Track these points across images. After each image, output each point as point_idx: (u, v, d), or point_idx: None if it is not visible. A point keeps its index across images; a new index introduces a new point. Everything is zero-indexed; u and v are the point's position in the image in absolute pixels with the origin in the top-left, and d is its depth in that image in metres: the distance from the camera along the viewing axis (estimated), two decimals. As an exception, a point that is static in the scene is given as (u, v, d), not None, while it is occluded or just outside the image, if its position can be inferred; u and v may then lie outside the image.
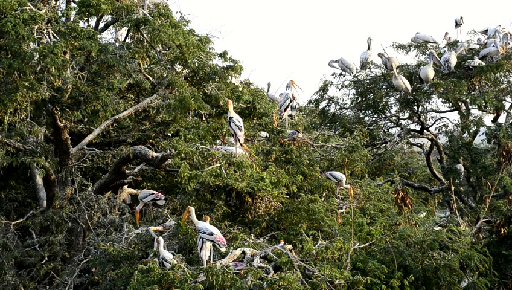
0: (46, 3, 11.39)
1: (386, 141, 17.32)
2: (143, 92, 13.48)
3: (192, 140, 11.00)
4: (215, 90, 12.29)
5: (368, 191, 12.75)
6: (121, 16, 11.69)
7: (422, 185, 17.26)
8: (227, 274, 8.27)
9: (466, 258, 9.91)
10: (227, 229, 10.03)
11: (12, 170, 11.70)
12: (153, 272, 8.36)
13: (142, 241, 9.69)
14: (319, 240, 9.51)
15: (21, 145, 11.26)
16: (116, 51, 11.46)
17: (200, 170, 10.26)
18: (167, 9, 12.25)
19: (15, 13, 10.48)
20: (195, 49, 12.05)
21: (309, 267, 8.77)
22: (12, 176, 12.47)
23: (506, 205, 12.48)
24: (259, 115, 12.97)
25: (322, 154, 13.02)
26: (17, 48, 10.40)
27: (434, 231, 10.27)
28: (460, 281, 9.77)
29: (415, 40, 16.82)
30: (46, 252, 10.91)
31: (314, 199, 11.32)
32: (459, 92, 15.27)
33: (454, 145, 15.73)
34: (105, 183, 11.99)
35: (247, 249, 9.07)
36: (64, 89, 11.18)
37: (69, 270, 10.19)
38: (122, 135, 13.85)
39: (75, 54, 10.93)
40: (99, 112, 12.10)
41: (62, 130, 11.77)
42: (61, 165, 11.80)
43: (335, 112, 17.20)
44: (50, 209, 11.49)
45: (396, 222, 11.14)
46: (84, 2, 11.49)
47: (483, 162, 14.93)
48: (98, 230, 10.83)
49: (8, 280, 10.52)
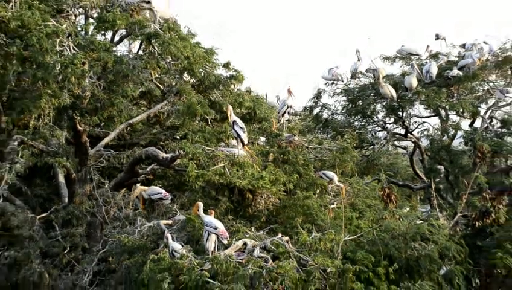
0: (67, 19, 11.44)
1: (374, 144, 17.34)
2: (154, 99, 13.56)
3: (198, 142, 11.09)
4: (219, 97, 12.34)
5: (357, 189, 12.81)
6: (134, 30, 11.64)
7: (406, 183, 17.24)
8: (230, 263, 8.34)
9: (444, 249, 9.94)
10: (230, 223, 10.05)
11: (37, 169, 11.70)
12: (164, 261, 8.44)
13: (154, 234, 9.71)
14: (313, 232, 9.53)
15: (45, 147, 11.29)
16: (130, 61, 11.46)
17: (205, 170, 10.34)
18: (176, 24, 12.26)
19: (39, 28, 10.51)
20: (202, 60, 12.08)
21: (304, 257, 8.80)
22: (37, 174, 12.49)
23: (481, 201, 12.52)
24: (259, 120, 13.03)
25: (315, 155, 13.02)
26: (41, 59, 10.40)
27: (416, 224, 10.28)
28: (439, 269, 9.77)
29: (400, 52, 16.85)
30: (67, 243, 10.96)
31: (309, 195, 11.41)
32: (439, 99, 15.27)
33: (434, 148, 15.77)
34: (120, 181, 12.01)
35: (248, 241, 9.12)
36: (83, 96, 11.21)
37: (88, 259, 10.24)
38: (135, 138, 13.92)
39: (93, 64, 10.95)
40: (115, 117, 12.19)
41: (81, 134, 11.84)
42: (81, 165, 11.83)
43: (327, 117, 17.20)
44: (71, 205, 11.55)
45: (383, 216, 11.17)
46: (101, 17, 11.55)
47: (461, 162, 14.94)
48: (114, 223, 10.88)
49: (34, 267, 10.53)
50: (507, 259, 11.71)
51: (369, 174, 16.18)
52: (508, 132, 15.24)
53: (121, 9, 11.57)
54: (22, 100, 10.94)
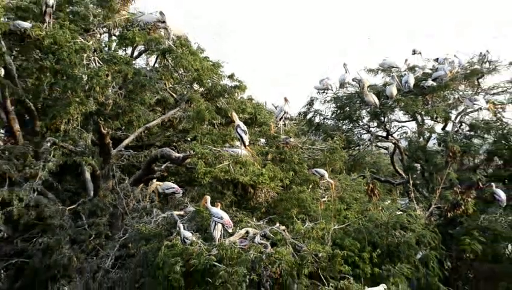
0: (93, 37, 11.50)
1: (359, 145, 17.36)
2: (168, 106, 13.57)
3: (206, 144, 11.08)
4: (225, 104, 12.30)
5: (345, 184, 12.80)
6: (151, 46, 11.70)
7: (387, 179, 17.25)
8: (234, 249, 8.41)
9: (421, 236, 10.05)
10: (234, 214, 10.13)
11: (66, 167, 11.70)
12: (176, 247, 8.50)
13: (168, 223, 9.75)
14: (306, 222, 9.62)
15: (73, 147, 11.25)
16: (147, 73, 11.48)
17: (213, 167, 10.35)
18: (187, 41, 12.26)
19: (69, 44, 10.59)
20: (209, 72, 12.06)
21: (298, 244, 8.87)
22: (66, 171, 12.47)
23: (452, 194, 12.63)
24: (260, 124, 13.02)
25: (309, 155, 13.01)
26: (70, 71, 10.51)
27: (396, 215, 10.39)
28: (416, 254, 9.87)
29: (382, 65, 16.86)
30: (93, 231, 10.97)
31: (303, 190, 11.46)
32: (416, 106, 15.32)
33: (412, 148, 15.83)
34: (138, 177, 12.04)
35: (250, 229, 9.18)
36: (107, 104, 11.25)
37: (110, 245, 10.27)
38: (151, 140, 13.90)
39: (115, 76, 10.99)
40: (134, 121, 12.21)
41: (105, 136, 11.87)
42: (104, 163, 11.84)
43: (319, 122, 17.21)
44: (96, 198, 11.60)
45: (367, 208, 11.24)
46: (122, 35, 11.63)
47: (435, 161, 14.96)
48: (133, 214, 10.88)
49: (64, 252, 10.56)
50: (474, 245, 11.84)
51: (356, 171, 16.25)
52: (475, 135, 15.35)
53: (139, 28, 11.60)
54: (54, 107, 11.06)
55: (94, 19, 11.69)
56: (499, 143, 14.90)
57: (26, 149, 11.28)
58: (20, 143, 11.61)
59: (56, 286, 10.16)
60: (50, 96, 11.50)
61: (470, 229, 12.41)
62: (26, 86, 12.21)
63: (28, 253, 11.15)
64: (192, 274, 8.28)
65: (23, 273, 11.40)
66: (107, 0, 11.90)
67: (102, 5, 11.92)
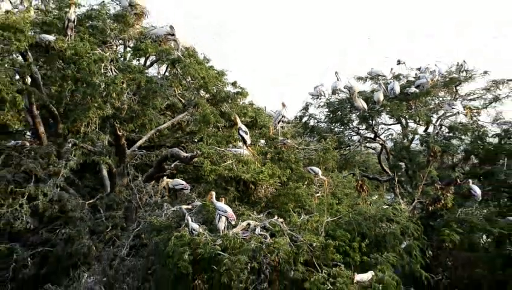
0: (110, 48, 11.48)
1: (350, 145, 17.33)
2: (177, 110, 13.52)
3: (212, 144, 11.06)
4: (228, 108, 12.30)
5: (337, 181, 12.73)
6: (162, 56, 11.65)
7: (375, 176, 17.19)
8: (237, 239, 8.36)
9: (405, 228, 9.95)
10: (237, 208, 10.03)
11: (86, 165, 11.69)
12: (185, 238, 8.43)
13: (177, 216, 9.66)
14: (302, 215, 9.54)
15: (92, 148, 11.28)
16: (158, 81, 11.47)
17: (217, 166, 10.36)
18: (194, 52, 12.21)
19: (88, 55, 10.58)
20: (214, 80, 12.02)
21: (295, 235, 8.80)
22: (86, 169, 12.47)
23: (433, 190, 12.61)
24: (260, 126, 13.00)
25: (304, 155, 12.94)
26: (90, 79, 10.48)
27: (383, 208, 10.29)
28: (400, 244, 9.78)
29: (370, 74, 16.78)
30: (110, 223, 10.98)
31: (299, 186, 11.38)
32: (400, 111, 15.30)
33: (397, 148, 15.79)
34: (150, 175, 11.98)
35: (251, 222, 9.11)
36: (122, 108, 11.19)
37: (125, 236, 10.23)
38: (162, 141, 13.88)
39: (129, 83, 10.95)
40: (146, 124, 12.20)
41: (120, 137, 11.85)
42: (120, 162, 11.83)
43: (313, 125, 17.14)
44: (112, 193, 11.60)
45: (357, 203, 11.21)
46: (136, 47, 11.62)
47: (417, 160, 14.94)
48: (145, 208, 10.78)
49: (84, 242, 10.57)
50: (453, 235, 11.78)
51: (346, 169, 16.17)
52: (453, 136, 15.34)
53: (151, 40, 11.55)
54: (75, 111, 11.03)
55: (111, 32, 11.63)
56: (475, 143, 14.93)
57: (50, 149, 11.30)
58: (44, 144, 11.62)
59: (77, 273, 10.08)
60: (71, 101, 11.46)
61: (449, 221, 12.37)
62: (50, 92, 12.20)
63: (52, 242, 11.16)
64: (199, 262, 8.22)
65: (48, 260, 11.36)
66: (123, 15, 11.84)
67: (118, 20, 11.87)
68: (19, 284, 11.06)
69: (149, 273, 9.30)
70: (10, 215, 10.36)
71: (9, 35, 10.14)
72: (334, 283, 8.16)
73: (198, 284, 8.22)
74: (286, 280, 8.40)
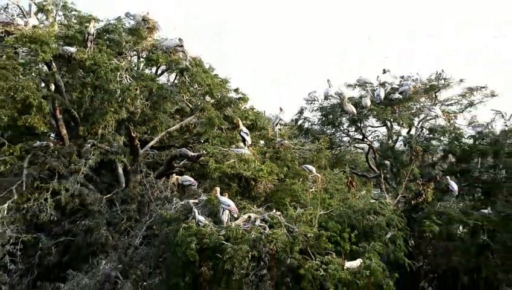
0: (125, 58, 11.43)
1: (340, 145, 17.20)
2: (185, 114, 13.45)
3: (216, 145, 11.02)
4: (231, 112, 12.24)
5: (329, 178, 12.65)
6: (172, 66, 11.63)
7: (363, 173, 17.10)
8: (239, 230, 8.33)
9: (390, 220, 9.91)
10: (239, 202, 9.97)
11: (103, 163, 11.67)
12: (192, 229, 8.40)
13: (185, 209, 9.62)
14: (297, 208, 9.48)
15: (109, 148, 11.23)
16: (168, 88, 11.46)
17: (221, 164, 10.31)
18: (200, 61, 12.15)
19: (106, 65, 10.56)
20: (218, 87, 12.00)
21: (291, 226, 8.74)
22: (103, 167, 12.42)
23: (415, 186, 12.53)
24: (259, 129, 12.92)
25: (299, 154, 12.93)
26: (107, 86, 10.48)
27: (370, 202, 10.24)
28: (386, 234, 9.71)
29: (359, 81, 16.65)
30: (124, 215, 10.91)
31: (295, 182, 11.29)
32: (386, 114, 15.19)
33: (383, 148, 15.67)
34: (161, 172, 11.93)
35: (251, 214, 9.07)
36: (136, 112, 11.20)
37: (139, 227, 10.20)
38: (171, 142, 13.80)
39: (142, 90, 10.93)
40: (157, 126, 12.16)
41: (134, 139, 11.78)
42: (134, 160, 11.76)
43: (308, 127, 17.03)
44: (127, 189, 11.53)
45: (347, 197, 11.10)
46: (149, 57, 11.63)
47: (401, 159, 14.85)
48: (157, 202, 10.78)
49: (102, 232, 10.53)
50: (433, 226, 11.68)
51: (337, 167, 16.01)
52: (433, 137, 15.26)
53: (162, 51, 11.52)
54: (94, 115, 11.02)
55: (126, 44, 11.57)
56: (452, 144, 14.86)
57: (72, 149, 11.25)
58: (66, 144, 11.57)
59: (95, 260, 10.05)
60: (90, 106, 11.42)
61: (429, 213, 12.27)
62: (72, 98, 12.14)
63: (73, 233, 11.10)
64: (205, 251, 8.19)
65: (69, 249, 11.32)
66: (137, 29, 11.78)
67: (132, 33, 11.81)
68: (44, 270, 11.01)
69: (160, 260, 9.26)
70: (36, 208, 10.38)
71: (35, 48, 10.14)
72: (326, 270, 8.16)
73: (204, 270, 8.17)
74: (283, 266, 8.37)
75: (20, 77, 10.05)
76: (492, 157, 14.43)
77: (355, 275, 8.28)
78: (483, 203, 13.86)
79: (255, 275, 8.19)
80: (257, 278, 8.23)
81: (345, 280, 8.14)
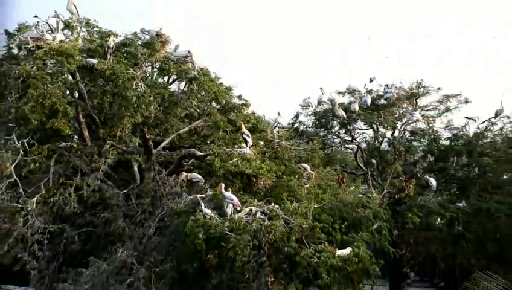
0: (140, 69, 11.40)
1: (332, 146, 17.14)
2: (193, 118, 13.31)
3: (221, 145, 10.98)
4: (235, 117, 12.17)
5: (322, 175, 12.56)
6: (182, 75, 11.56)
7: (352, 171, 17.03)
8: (241, 222, 8.32)
9: (376, 212, 9.88)
10: (241, 196, 9.90)
11: (120, 162, 11.58)
12: (199, 221, 8.37)
13: (193, 203, 9.52)
14: (294, 202, 9.45)
15: (125, 148, 11.16)
16: (178, 95, 11.37)
17: (226, 162, 10.27)
18: (207, 71, 12.04)
19: (123, 74, 10.50)
20: (223, 94, 11.92)
21: (288, 218, 8.70)
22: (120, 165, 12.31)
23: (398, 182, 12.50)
24: (260, 131, 12.83)
25: (295, 154, 12.85)
26: (124, 94, 10.45)
27: (358, 197, 10.22)
28: (373, 225, 9.68)
29: (348, 89, 16.60)
30: (139, 208, 10.82)
31: (291, 179, 11.20)
32: (372, 118, 15.19)
33: (370, 148, 15.67)
34: (172, 170, 11.83)
35: (253, 208, 9.03)
36: (149, 117, 11.09)
37: (152, 219, 10.11)
38: (181, 143, 13.64)
39: (155, 96, 10.85)
40: (169, 129, 12.08)
41: (148, 140, 11.69)
42: (147, 159, 11.65)
43: (303, 129, 17.00)
44: (141, 185, 11.42)
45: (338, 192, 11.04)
46: (161, 67, 11.57)
47: (386, 158, 14.89)
48: (168, 196, 10.69)
49: (119, 224, 10.44)
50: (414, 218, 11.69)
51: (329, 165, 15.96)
52: (414, 139, 15.30)
53: (173, 62, 11.46)
54: (112, 119, 10.97)
55: (141, 56, 11.52)
56: (431, 145, 14.89)
57: (93, 149, 11.17)
58: (88, 145, 11.49)
59: (113, 248, 9.98)
60: (109, 111, 11.34)
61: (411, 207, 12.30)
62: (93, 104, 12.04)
63: (94, 224, 11.02)
64: (211, 240, 8.16)
65: (91, 238, 11.24)
66: (151, 43, 11.74)
67: (147, 46, 11.77)
68: (68, 256, 10.96)
69: (171, 249, 9.22)
70: (61, 202, 10.33)
71: (62, 60, 10.12)
72: (319, 257, 8.17)
73: (210, 258, 8.17)
74: (281, 254, 8.36)
75: (48, 85, 10.01)
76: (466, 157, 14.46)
77: (345, 261, 8.28)
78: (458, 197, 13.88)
79: (255, 262, 8.18)
80: (257, 265, 8.22)
81: (336, 266, 8.16)
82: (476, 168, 14.44)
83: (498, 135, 14.89)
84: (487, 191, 13.62)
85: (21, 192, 10.08)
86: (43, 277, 10.65)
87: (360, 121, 15.81)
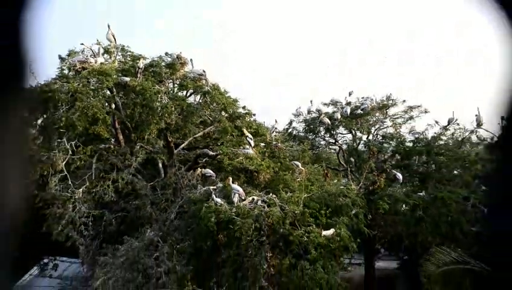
0: (164, 85, 11.37)
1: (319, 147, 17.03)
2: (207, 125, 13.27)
3: (229, 147, 10.92)
4: (240, 123, 12.07)
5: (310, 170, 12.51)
6: (197, 90, 11.51)
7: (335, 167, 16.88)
8: (246, 209, 8.30)
9: (354, 201, 9.83)
10: (245, 188, 9.85)
11: (148, 160, 11.56)
12: (211, 207, 8.41)
13: (206, 193, 9.53)
14: (288, 193, 9.42)
15: (152, 149, 11.14)
16: (195, 106, 11.27)
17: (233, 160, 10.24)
18: (217, 86, 11.95)
19: (150, 89, 10.45)
20: (231, 104, 11.82)
21: (283, 205, 8.69)
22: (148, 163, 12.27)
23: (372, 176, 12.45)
24: (260, 135, 12.74)
25: (289, 153, 12.75)
26: (151, 105, 10.35)
27: (340, 188, 10.18)
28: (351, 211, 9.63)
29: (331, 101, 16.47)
30: (163, 197, 10.74)
31: (286, 174, 11.14)
32: (351, 125, 15.14)
33: (349, 149, 15.61)
34: (189, 167, 11.69)
35: (254, 197, 9.03)
36: (171, 123, 11.01)
37: (173, 206, 10.08)
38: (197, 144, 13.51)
39: (176, 107, 10.79)
40: (187, 134, 12.02)
41: (170, 142, 11.61)
42: (170, 158, 11.55)
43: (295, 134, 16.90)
44: (165, 178, 11.31)
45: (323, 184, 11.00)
46: (181, 83, 11.49)
47: (362, 157, 14.79)
48: (186, 188, 10.60)
49: (147, 210, 10.40)
50: (384, 205, 11.65)
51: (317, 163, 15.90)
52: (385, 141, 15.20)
53: (190, 79, 11.40)
54: (141, 125, 10.88)
55: (165, 75, 11.48)
56: (398, 146, 14.81)
57: (126, 150, 11.09)
58: (122, 146, 11.43)
59: (143, 229, 9.96)
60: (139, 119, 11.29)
61: (382, 196, 12.21)
62: (126, 113, 11.96)
63: (127, 209, 10.91)
64: (221, 223, 8.23)
65: (125, 221, 11.15)
66: (173, 64, 11.70)
67: (169, 67, 11.71)
68: (107, 235, 10.90)
69: (188, 230, 9.22)
70: (101, 192, 10.32)
71: (102, 78, 10.14)
72: (308, 236, 8.15)
73: (221, 237, 8.17)
74: (277, 234, 8.34)
75: (91, 99, 10.03)
76: (426, 156, 14.42)
77: (329, 240, 8.26)
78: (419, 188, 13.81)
79: (257, 241, 8.17)
80: (258, 243, 8.21)
81: (322, 244, 8.16)
82: (433, 165, 14.43)
83: (450, 138, 14.93)
84: (442, 183, 13.60)
85: (70, 184, 10.13)
86: (88, 252, 10.66)
87: (341, 127, 15.74)
